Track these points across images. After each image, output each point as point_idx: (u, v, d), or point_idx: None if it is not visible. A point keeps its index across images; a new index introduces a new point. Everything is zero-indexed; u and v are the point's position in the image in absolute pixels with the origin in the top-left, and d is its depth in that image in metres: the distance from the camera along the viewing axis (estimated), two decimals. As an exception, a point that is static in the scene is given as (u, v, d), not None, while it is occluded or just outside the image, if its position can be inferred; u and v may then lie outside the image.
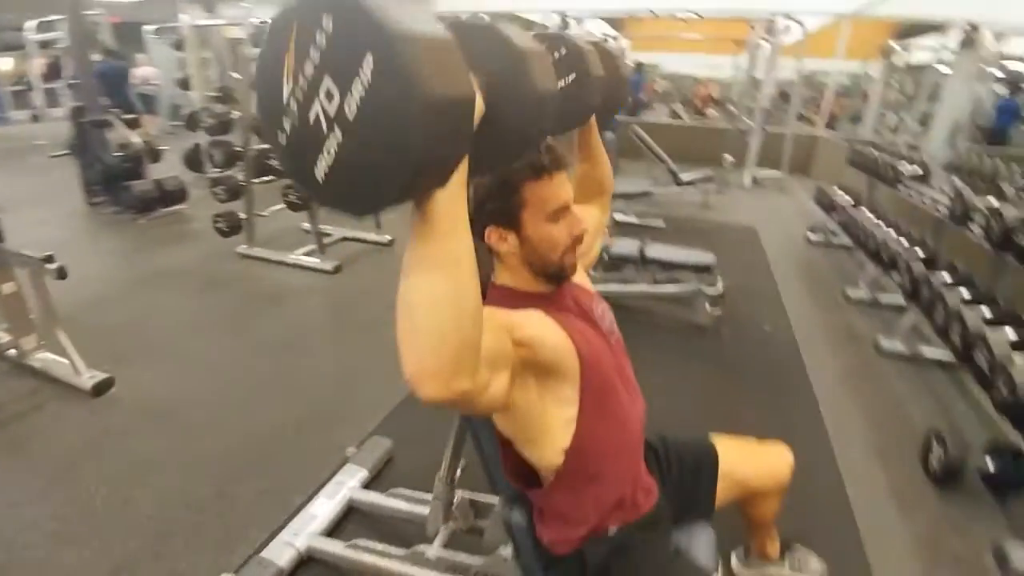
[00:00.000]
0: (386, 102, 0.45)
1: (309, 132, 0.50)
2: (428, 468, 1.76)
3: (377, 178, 0.49)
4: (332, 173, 0.50)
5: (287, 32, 0.48)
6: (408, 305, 0.58)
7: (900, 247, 3.03)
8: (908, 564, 1.62)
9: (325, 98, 0.48)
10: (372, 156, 0.48)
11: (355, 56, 0.45)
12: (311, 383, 2.34)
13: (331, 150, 0.49)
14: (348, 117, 0.47)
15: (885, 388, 2.57)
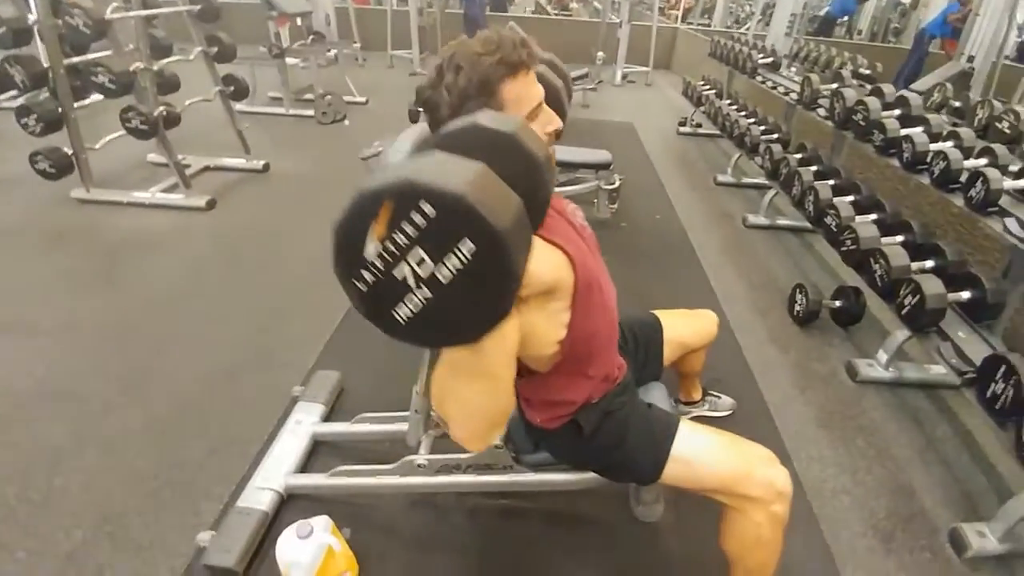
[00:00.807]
0: (481, 277, 0.55)
1: (394, 285, 0.57)
2: (384, 391, 1.81)
3: (460, 326, 0.60)
4: (415, 319, 0.58)
5: (377, 205, 0.54)
6: (458, 400, 0.78)
7: (760, 132, 3.42)
8: (788, 388, 2.03)
9: (415, 263, 0.55)
10: (460, 312, 0.58)
11: (453, 236, 0.53)
12: (224, 331, 2.15)
13: (416, 302, 0.57)
14: (441, 281, 0.55)
15: (754, 255, 3.03)
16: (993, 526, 1.41)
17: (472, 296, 0.56)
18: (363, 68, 6.75)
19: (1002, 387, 1.44)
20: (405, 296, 0.57)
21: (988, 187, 1.76)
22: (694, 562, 1.37)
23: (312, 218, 3.09)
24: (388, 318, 0.59)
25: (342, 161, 3.98)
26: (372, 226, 0.55)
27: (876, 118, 2.44)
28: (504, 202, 0.57)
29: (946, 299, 1.78)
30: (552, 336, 0.96)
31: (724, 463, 1.06)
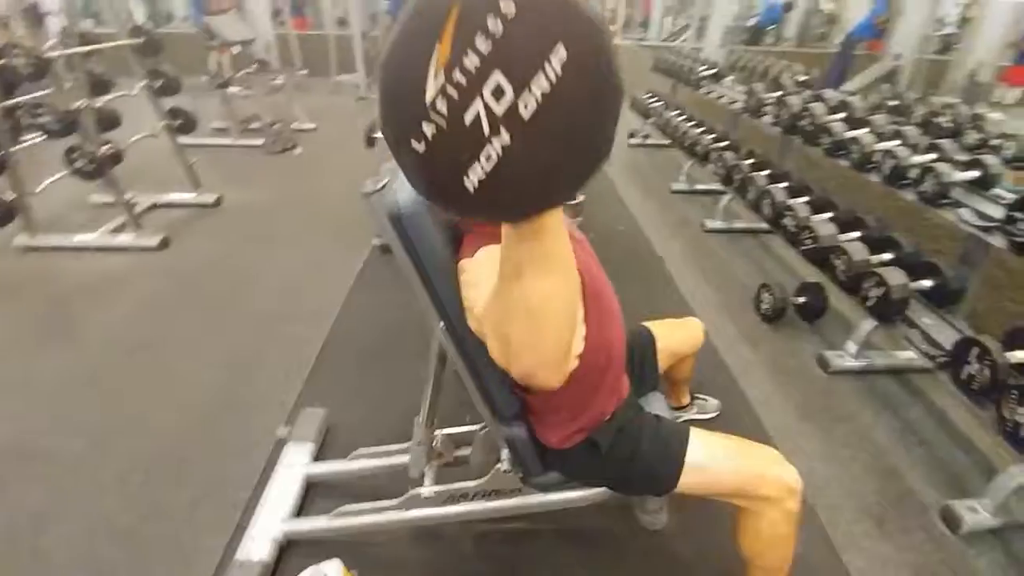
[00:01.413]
0: (577, 98, 0.41)
1: (463, 136, 0.42)
2: (373, 425, 1.76)
3: (548, 182, 0.44)
4: (489, 180, 0.43)
5: (442, 16, 0.39)
6: (528, 308, 0.56)
7: (710, 141, 3.57)
8: (767, 385, 2.10)
9: (492, 96, 0.40)
10: (547, 158, 0.43)
11: (540, 46, 0.39)
12: (193, 375, 2.04)
13: (492, 155, 0.42)
14: (523, 117, 0.41)
15: (716, 258, 3.14)
16: (984, 501, 1.49)
17: (567, 132, 0.42)
18: (308, 94, 6.64)
19: (977, 368, 1.54)
20: (478, 150, 0.42)
21: (939, 180, 1.90)
22: (703, 565, 1.40)
23: (273, 251, 3.00)
24: (456, 188, 0.44)
25: (297, 190, 3.89)
26: (437, 50, 0.40)
27: (822, 122, 2.59)
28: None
29: (909, 288, 1.90)
30: (574, 348, 0.97)
31: (738, 467, 1.08)
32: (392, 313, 2.45)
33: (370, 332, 2.31)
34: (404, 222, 0.88)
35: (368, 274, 2.76)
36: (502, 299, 0.58)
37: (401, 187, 0.90)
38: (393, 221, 0.89)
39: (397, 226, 0.89)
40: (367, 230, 3.15)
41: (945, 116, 2.53)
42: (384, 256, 2.93)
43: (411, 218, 0.88)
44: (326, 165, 4.45)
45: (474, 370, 1.07)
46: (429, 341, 2.22)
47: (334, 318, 2.38)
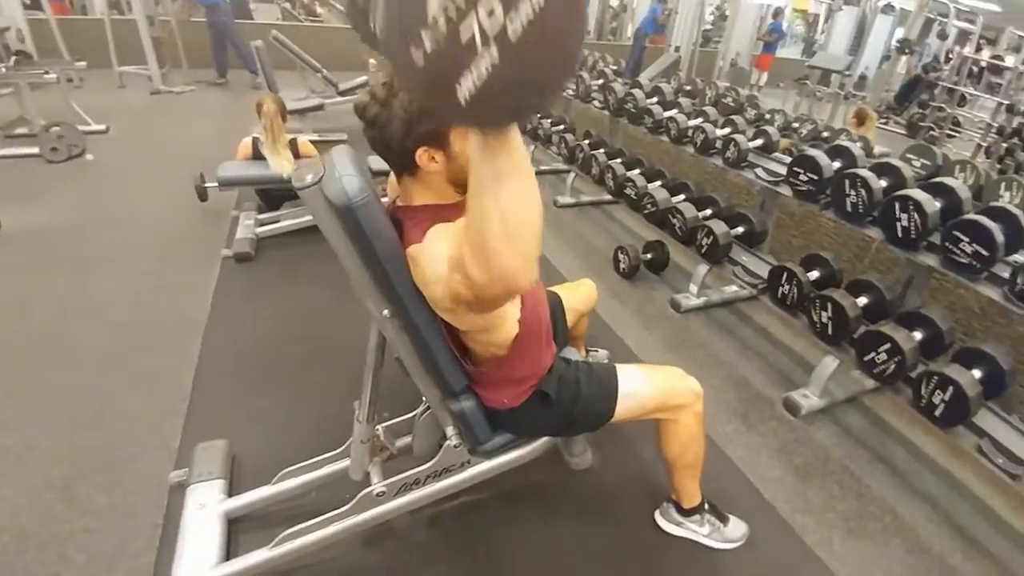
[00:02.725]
0: (554, 24, 0.47)
1: (457, 51, 0.47)
2: (282, 444, 1.65)
3: (529, 94, 0.51)
4: (479, 92, 0.49)
5: None
6: (504, 211, 0.63)
7: (549, 125, 3.88)
8: (638, 331, 2.42)
9: (486, 15, 0.46)
10: (529, 73, 0.49)
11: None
12: (35, 433, 1.66)
13: (482, 68, 0.48)
14: (510, 36, 0.46)
15: (573, 229, 3.46)
16: (812, 388, 1.94)
17: (544, 52, 0.48)
18: (89, 91, 5.52)
19: (788, 288, 1.99)
20: (471, 63, 0.48)
21: (739, 149, 2.36)
22: (630, 487, 1.61)
23: (91, 279, 2.51)
24: (450, 94, 0.49)
25: (102, 205, 3.27)
26: None
27: (644, 105, 3.01)
28: None
29: (730, 235, 2.35)
30: (514, 314, 1.07)
31: (655, 387, 1.28)
32: (267, 324, 2.26)
33: (248, 349, 2.11)
34: (357, 213, 0.87)
35: (227, 288, 2.48)
36: (479, 214, 0.64)
37: (345, 176, 0.89)
38: (344, 212, 0.87)
39: (348, 217, 0.88)
40: (206, 243, 2.82)
41: (728, 97, 3.12)
42: (241, 265, 2.66)
43: (363, 208, 0.87)
44: (130, 172, 3.79)
45: (425, 350, 1.09)
46: (319, 345, 2.13)
47: (200, 342, 2.11)
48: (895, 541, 1.51)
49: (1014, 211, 1.43)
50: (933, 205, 1.55)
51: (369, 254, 0.93)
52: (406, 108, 0.90)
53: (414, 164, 0.95)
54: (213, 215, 3.13)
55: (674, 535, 1.47)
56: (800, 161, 2.03)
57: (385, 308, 1.05)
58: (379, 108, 0.91)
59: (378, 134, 0.93)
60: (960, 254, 1.47)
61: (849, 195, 1.83)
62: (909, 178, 1.74)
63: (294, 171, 0.96)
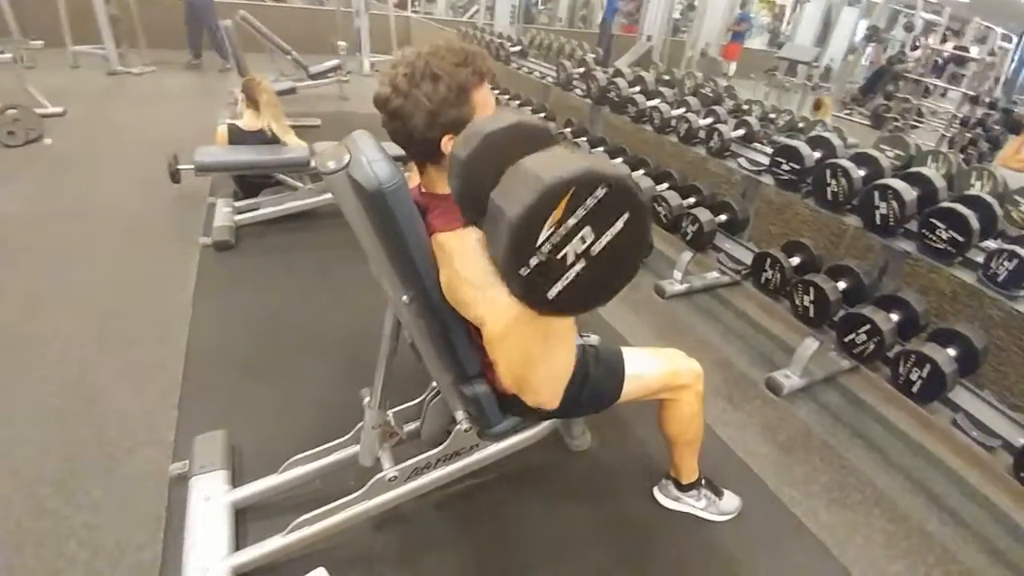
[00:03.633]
0: (626, 243, 0.64)
1: (555, 265, 0.63)
2: (283, 433, 1.64)
3: (600, 292, 0.68)
4: (564, 292, 0.65)
5: (561, 196, 0.59)
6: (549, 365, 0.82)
7: (531, 112, 3.88)
8: (626, 316, 2.47)
9: (579, 241, 0.62)
10: (601, 280, 0.66)
11: (615, 213, 0.62)
12: (22, 427, 1.60)
13: (570, 276, 0.64)
14: (592, 253, 0.63)
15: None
16: (793, 368, 2.04)
17: (617, 263, 0.65)
18: (42, 71, 5.20)
19: (771, 273, 2.08)
20: (560, 274, 0.63)
21: (722, 138, 2.43)
22: (629, 465, 1.67)
23: (63, 270, 2.40)
24: (540, 296, 0.65)
25: (64, 192, 3.11)
26: (553, 214, 0.60)
27: (627, 94, 3.05)
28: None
29: (715, 223, 2.42)
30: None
31: (659, 368, 1.33)
32: (256, 312, 2.22)
33: (238, 337, 2.07)
34: (388, 198, 0.87)
35: (209, 277, 2.42)
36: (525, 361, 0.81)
37: (375, 161, 0.89)
38: (375, 197, 0.87)
39: (379, 202, 0.88)
40: (181, 231, 2.75)
41: (707, 87, 3.19)
42: (221, 254, 2.59)
43: (395, 193, 0.88)
44: (91, 157, 3.61)
45: (443, 335, 1.10)
46: (311, 333, 2.11)
47: (186, 332, 2.06)
48: (875, 511, 1.61)
49: (988, 199, 1.53)
50: (911, 194, 1.65)
51: (396, 239, 0.93)
52: (430, 97, 0.90)
53: (439, 153, 0.96)
54: (183, 202, 3.03)
55: (672, 510, 1.54)
56: (783, 151, 2.11)
57: (405, 294, 1.05)
58: (402, 100, 0.92)
59: (401, 126, 0.94)
60: (936, 240, 1.57)
61: (830, 184, 1.92)
62: (886, 168, 1.84)
63: (316, 157, 0.96)
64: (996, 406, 1.56)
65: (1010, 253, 1.42)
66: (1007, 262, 1.43)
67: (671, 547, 1.46)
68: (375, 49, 6.90)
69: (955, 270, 1.59)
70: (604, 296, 0.68)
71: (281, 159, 2.75)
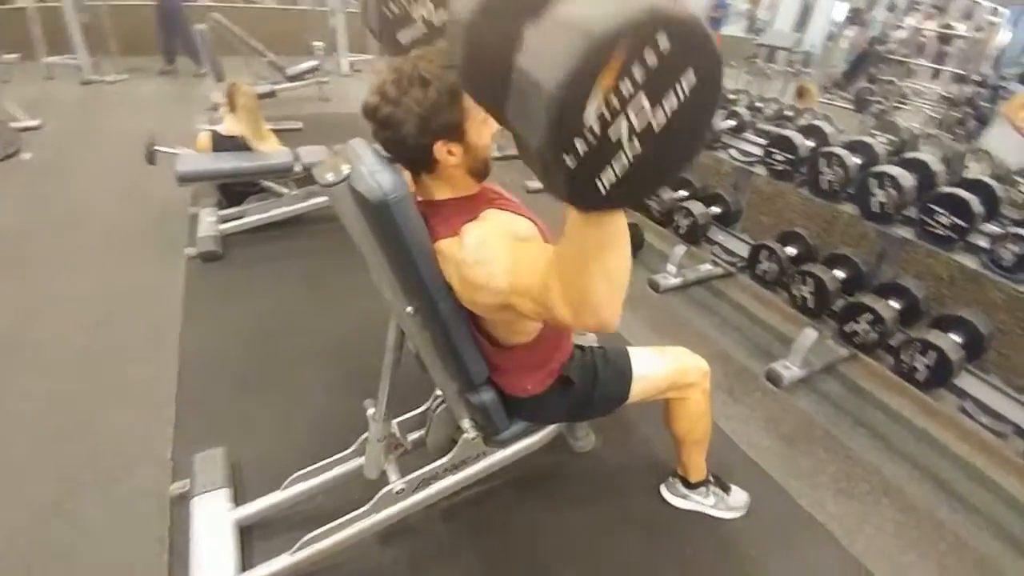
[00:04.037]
0: (694, 113, 0.49)
1: (605, 149, 0.48)
2: (282, 449, 1.62)
3: (661, 178, 0.54)
4: (619, 182, 0.50)
5: (608, 51, 0.43)
6: (608, 274, 0.67)
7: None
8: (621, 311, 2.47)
9: (634, 115, 0.47)
10: (664, 161, 0.52)
11: (677, 71, 0.46)
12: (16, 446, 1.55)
13: (624, 162, 0.49)
14: (654, 129, 0.48)
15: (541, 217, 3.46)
16: (792, 359, 2.04)
17: (679, 139, 0.50)
18: (15, 83, 5.05)
19: (767, 265, 2.07)
20: (613, 158, 0.49)
21: (714, 130, 2.42)
22: (633, 464, 1.66)
23: (44, 281, 2.34)
24: (591, 191, 0.50)
25: (47, 206, 3.03)
26: (600, 79, 0.44)
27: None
28: None
29: (708, 215, 2.41)
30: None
31: (666, 367, 1.31)
32: (246, 325, 2.17)
33: (230, 351, 2.02)
34: (392, 208, 0.84)
35: (198, 288, 2.36)
36: (583, 277, 0.67)
37: (378, 171, 0.86)
38: (379, 208, 0.84)
39: (383, 213, 0.85)
40: (165, 242, 2.69)
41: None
42: (208, 264, 2.53)
43: (399, 203, 0.85)
44: (71, 169, 3.52)
45: (448, 344, 1.07)
46: (304, 343, 2.07)
47: (178, 345, 2.01)
48: (884, 500, 1.61)
49: (989, 182, 1.53)
50: (909, 180, 1.64)
51: (401, 250, 0.90)
52: (421, 104, 0.87)
53: (432, 160, 0.93)
54: (166, 212, 2.96)
55: (681, 508, 1.53)
56: (776, 141, 2.10)
57: (410, 304, 1.03)
58: (392, 107, 0.87)
59: (392, 134, 0.89)
60: (936, 226, 1.57)
61: (824, 173, 1.91)
62: (881, 154, 1.84)
63: (314, 169, 0.92)
64: (1005, 391, 1.56)
65: (1015, 236, 1.42)
66: (1013, 246, 1.43)
67: (684, 546, 1.45)
68: (353, 48, 6.79)
69: (956, 255, 1.59)
70: (662, 182, 0.55)
71: (265, 165, 2.69)
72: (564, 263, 0.70)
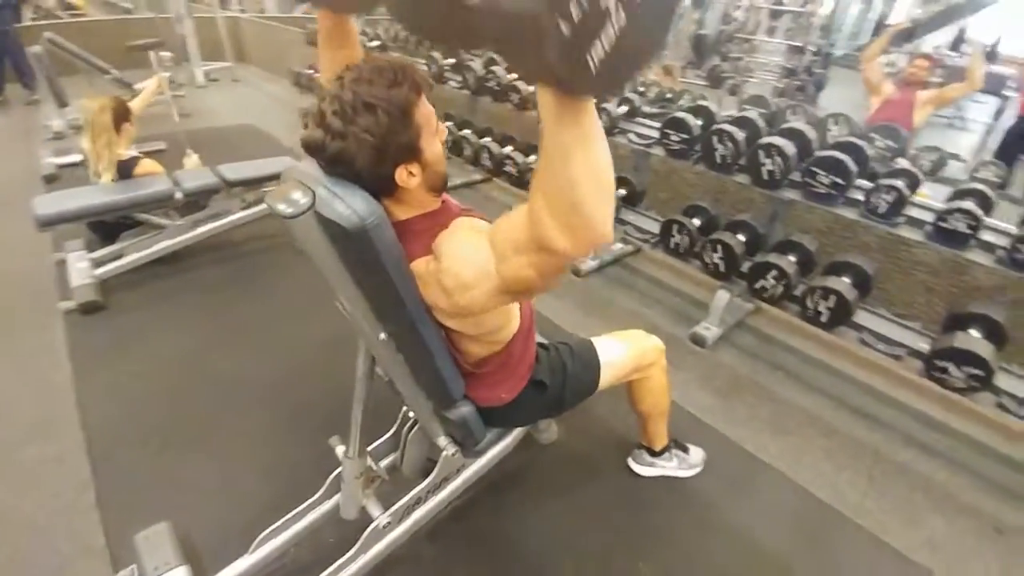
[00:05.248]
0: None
1: (595, 19, 0.49)
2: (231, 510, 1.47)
3: (638, 60, 0.55)
4: (607, 57, 0.51)
5: None
6: (594, 169, 0.64)
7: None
8: (551, 300, 2.54)
9: None
10: (642, 36, 0.53)
11: None
12: None
13: (611, 33, 0.50)
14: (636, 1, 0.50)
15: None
16: (710, 320, 2.23)
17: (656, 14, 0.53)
18: None
19: (679, 238, 2.24)
20: (603, 29, 0.50)
21: (609, 116, 2.55)
22: (598, 448, 1.73)
23: None
24: (583, 66, 0.51)
25: None
26: None
27: (507, 81, 3.06)
28: None
29: (618, 197, 2.55)
30: (514, 306, 1.10)
31: (628, 351, 1.38)
32: (155, 376, 1.93)
33: (144, 408, 1.78)
34: (371, 233, 0.79)
35: (85, 346, 2.04)
36: (566, 180, 0.65)
37: (349, 196, 0.80)
38: (357, 235, 0.79)
39: (361, 239, 0.79)
40: (30, 299, 2.32)
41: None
42: (91, 316, 2.20)
43: (377, 228, 0.80)
44: None
45: (427, 364, 1.04)
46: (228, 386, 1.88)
47: (77, 417, 1.73)
48: (810, 431, 1.84)
49: (858, 143, 1.78)
50: (791, 148, 1.86)
51: (379, 275, 0.85)
52: (373, 132, 0.80)
53: (393, 185, 0.87)
54: (25, 265, 2.52)
55: (649, 476, 1.62)
56: (671, 123, 2.27)
57: (384, 331, 0.98)
58: (340, 141, 0.80)
59: (346, 169, 0.83)
60: (819, 186, 1.81)
61: (717, 149, 2.10)
62: (763, 128, 2.06)
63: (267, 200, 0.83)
64: (893, 319, 1.84)
65: (887, 187, 1.68)
66: (885, 195, 1.68)
67: (656, 511, 1.54)
68: (206, 56, 6.19)
69: (840, 210, 1.84)
70: (644, 59, 0.56)
71: (141, 196, 2.37)
72: (549, 179, 0.67)
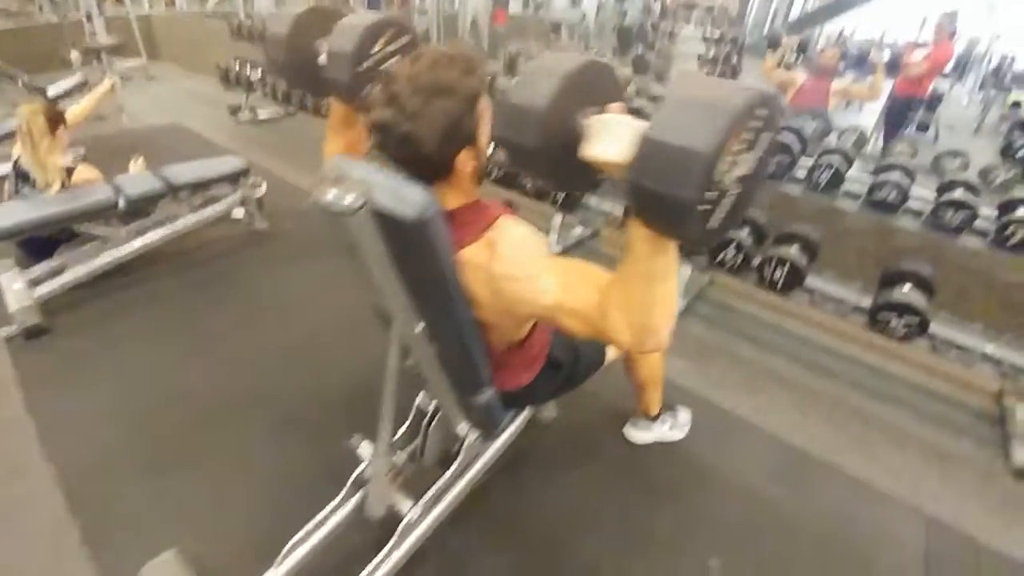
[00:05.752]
0: (765, 159, 0.68)
1: (721, 195, 0.63)
2: (250, 524, 1.44)
3: (740, 214, 0.71)
4: (723, 220, 0.67)
5: (744, 122, 0.60)
6: (667, 297, 0.80)
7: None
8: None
9: (740, 165, 0.63)
10: (743, 201, 0.69)
11: (765, 131, 0.64)
12: None
13: (727, 203, 0.66)
14: (748, 173, 0.65)
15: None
16: (678, 293, 2.38)
17: (758, 181, 0.69)
18: None
19: (645, 218, 2.37)
20: (723, 201, 0.64)
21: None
22: (598, 419, 1.83)
23: None
24: (701, 229, 0.65)
25: None
26: (734, 141, 0.60)
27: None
28: None
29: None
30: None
31: None
32: (120, 397, 1.83)
33: (115, 436, 1.67)
34: (430, 225, 0.81)
35: (35, 375, 1.87)
36: (648, 298, 0.79)
37: (404, 188, 0.81)
38: (417, 227, 0.80)
39: (421, 231, 0.81)
40: None
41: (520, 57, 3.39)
42: (35, 341, 2.01)
43: (436, 219, 0.82)
44: None
45: (463, 352, 1.07)
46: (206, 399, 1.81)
47: (42, 452, 1.59)
48: (774, 388, 2.04)
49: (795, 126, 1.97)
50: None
51: (431, 267, 0.87)
52: (448, 114, 0.83)
53: (450, 169, 0.90)
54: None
55: (643, 443, 1.74)
56: (627, 111, 2.38)
57: (421, 321, 1.00)
58: (412, 124, 0.82)
59: (414, 151, 0.84)
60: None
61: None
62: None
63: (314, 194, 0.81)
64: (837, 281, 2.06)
65: (826, 166, 1.88)
66: (825, 172, 1.88)
67: (657, 473, 1.66)
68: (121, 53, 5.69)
69: (787, 186, 2.03)
70: (740, 217, 0.71)
71: (80, 207, 2.18)
72: (630, 291, 0.79)
